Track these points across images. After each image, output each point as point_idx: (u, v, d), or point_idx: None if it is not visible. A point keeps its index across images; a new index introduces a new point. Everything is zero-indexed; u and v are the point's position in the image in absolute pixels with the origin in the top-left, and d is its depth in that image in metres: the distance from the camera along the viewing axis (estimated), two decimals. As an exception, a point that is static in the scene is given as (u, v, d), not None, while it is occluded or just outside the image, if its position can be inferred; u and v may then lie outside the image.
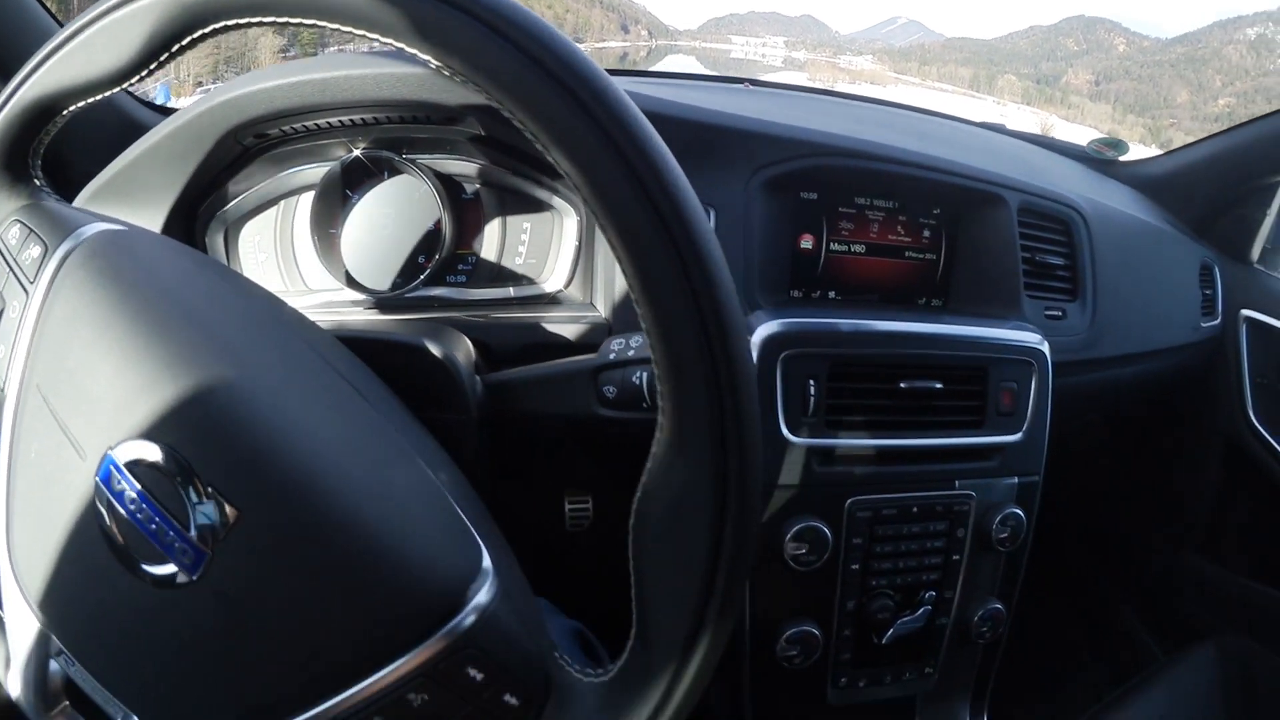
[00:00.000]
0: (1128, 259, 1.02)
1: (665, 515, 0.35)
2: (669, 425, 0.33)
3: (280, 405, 0.37)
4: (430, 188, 0.72)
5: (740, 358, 0.33)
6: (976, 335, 0.79)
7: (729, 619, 0.37)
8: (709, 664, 0.37)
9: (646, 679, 0.37)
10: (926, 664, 0.83)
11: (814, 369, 0.73)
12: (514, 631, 0.37)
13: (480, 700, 0.35)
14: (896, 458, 0.76)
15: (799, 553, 0.72)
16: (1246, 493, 1.30)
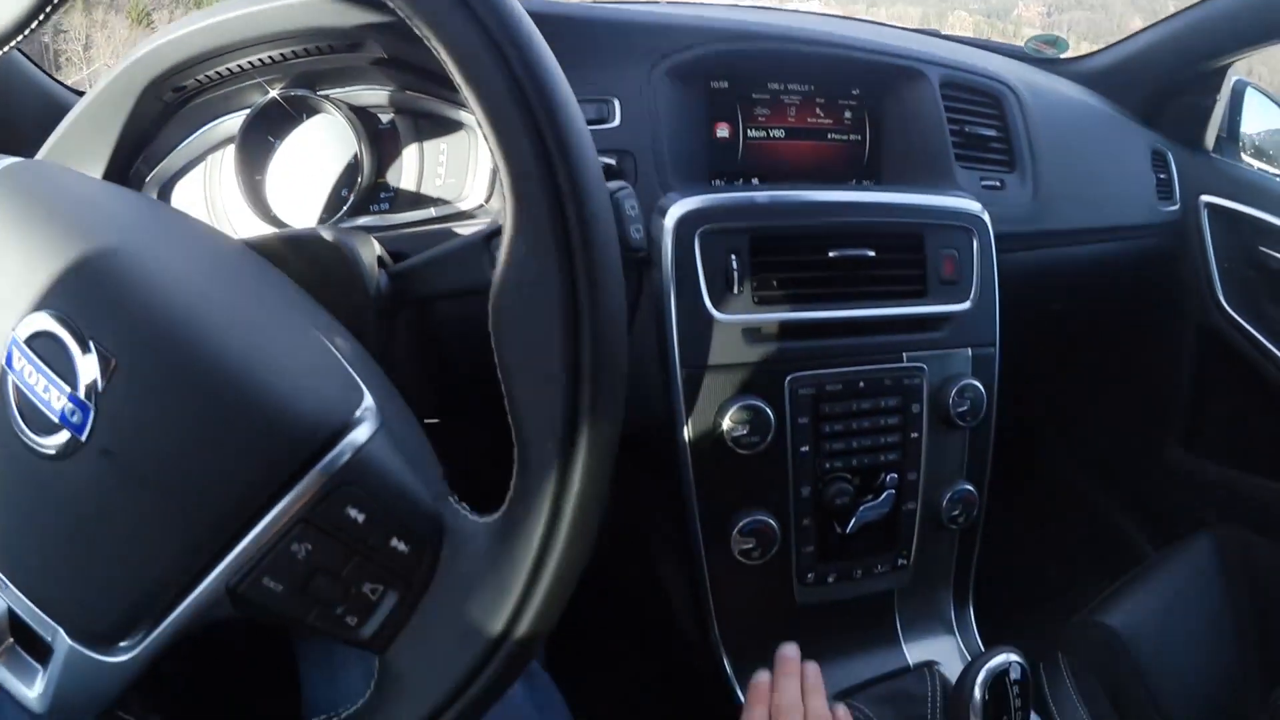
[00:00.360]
0: (1068, 135, 0.99)
1: (520, 314, 0.35)
2: (510, 212, 0.34)
3: (165, 265, 0.37)
4: (346, 121, 0.72)
5: (570, 126, 0.34)
6: (907, 202, 0.76)
7: (604, 422, 0.34)
8: (594, 477, 0.34)
9: (531, 505, 0.35)
10: (899, 555, 0.78)
11: (734, 243, 0.69)
12: (398, 472, 0.36)
13: (366, 547, 0.34)
14: (835, 330, 0.72)
15: (740, 434, 0.67)
16: (1224, 382, 1.27)
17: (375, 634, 0.35)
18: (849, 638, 0.79)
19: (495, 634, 0.34)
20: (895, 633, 0.82)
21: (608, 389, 0.35)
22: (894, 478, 0.75)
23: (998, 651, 0.66)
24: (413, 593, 0.35)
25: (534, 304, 0.34)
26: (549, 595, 0.35)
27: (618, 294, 0.36)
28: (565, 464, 0.34)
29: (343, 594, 0.34)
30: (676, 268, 0.68)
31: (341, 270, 0.58)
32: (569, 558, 0.35)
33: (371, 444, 0.35)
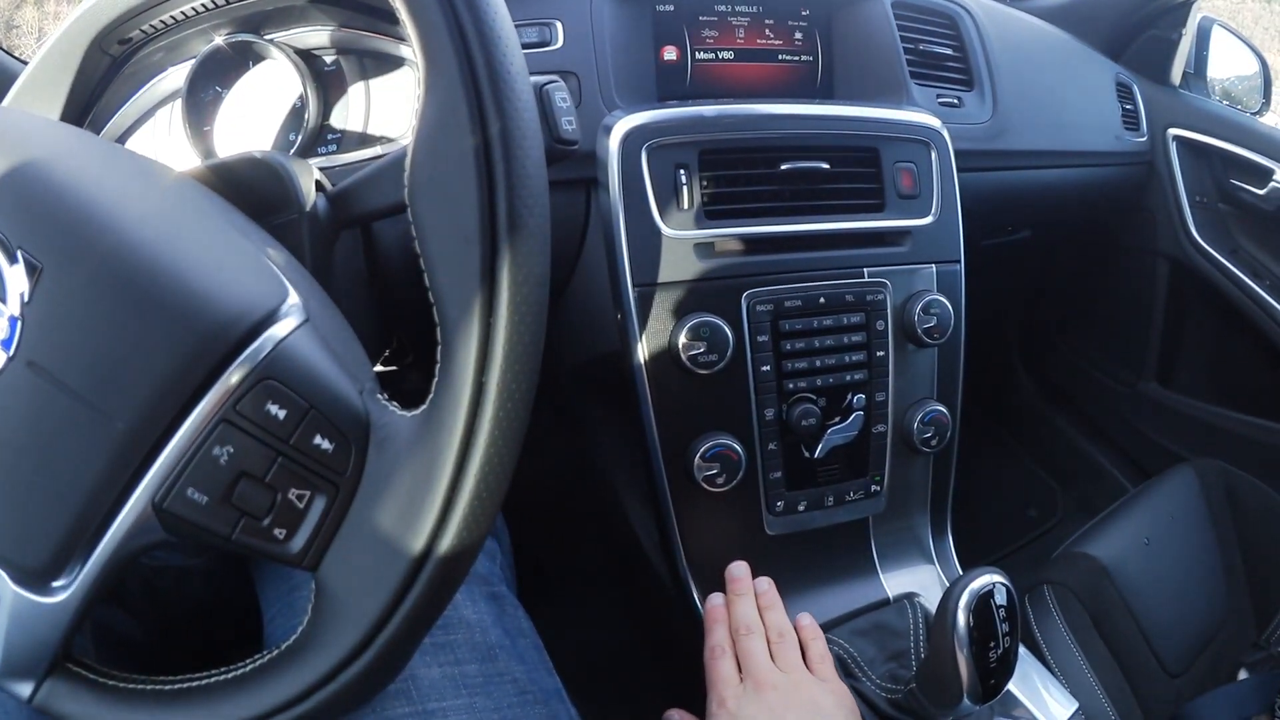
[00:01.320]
0: (1027, 57, 0.96)
1: (433, 175, 0.33)
2: (421, 74, 0.33)
3: (92, 176, 0.37)
4: (292, 64, 0.71)
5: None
6: (860, 114, 0.73)
7: (528, 280, 0.32)
8: (519, 344, 0.32)
9: (453, 385, 0.33)
10: (871, 480, 0.75)
11: (682, 158, 0.66)
12: (322, 366, 0.34)
13: (289, 446, 0.32)
14: (791, 244, 0.69)
15: (696, 352, 0.64)
16: (1198, 316, 1.25)
17: (305, 548, 0.33)
18: (824, 570, 0.76)
19: (423, 542, 0.32)
20: (872, 563, 0.79)
21: (528, 242, 0.32)
22: (861, 399, 0.72)
23: (979, 572, 0.62)
24: (340, 498, 0.33)
25: (446, 163, 0.32)
26: (478, 489, 0.32)
27: (534, 148, 0.34)
28: (486, 331, 0.32)
29: (268, 502, 0.32)
30: (624, 185, 0.65)
31: (277, 190, 0.57)
32: (498, 439, 0.32)
33: (294, 337, 0.34)
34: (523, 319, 0.32)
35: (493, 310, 0.32)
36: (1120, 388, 1.31)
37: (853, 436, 0.72)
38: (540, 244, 0.33)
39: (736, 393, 0.68)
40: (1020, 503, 1.35)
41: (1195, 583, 1.03)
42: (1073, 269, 1.31)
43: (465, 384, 0.32)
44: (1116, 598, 0.92)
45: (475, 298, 0.32)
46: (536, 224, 0.33)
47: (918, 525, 0.80)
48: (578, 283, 0.72)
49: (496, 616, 0.54)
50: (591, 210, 0.69)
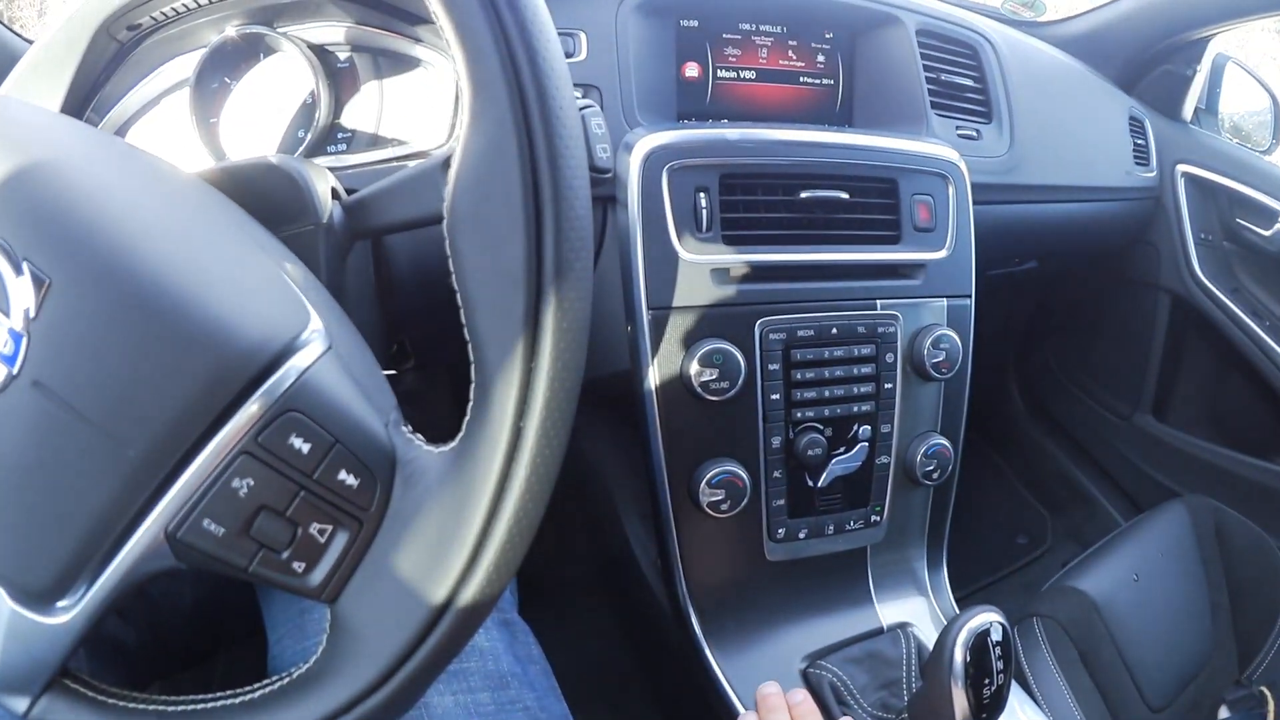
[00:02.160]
0: (1045, 91, 0.95)
1: (478, 210, 0.31)
2: (467, 101, 0.31)
3: (103, 182, 0.35)
4: (304, 59, 0.69)
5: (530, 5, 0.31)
6: (882, 145, 0.72)
7: (571, 324, 0.31)
8: (560, 388, 0.31)
9: (489, 425, 0.31)
10: (872, 510, 0.74)
11: (703, 181, 0.65)
12: (346, 398, 0.33)
13: (312, 480, 0.31)
14: (806, 274, 0.68)
15: (708, 379, 0.63)
16: (1196, 353, 1.25)
17: (325, 581, 0.32)
18: (820, 597, 0.76)
19: (449, 586, 0.31)
20: (868, 592, 0.78)
21: (575, 287, 0.31)
22: (867, 430, 0.71)
23: (977, 610, 0.62)
24: (364, 533, 0.32)
25: (492, 200, 0.31)
26: (510, 535, 0.31)
27: (582, 189, 0.33)
28: (528, 373, 0.31)
29: (288, 536, 0.31)
30: (643, 205, 0.63)
31: (293, 199, 0.54)
32: (533, 486, 0.31)
33: (318, 367, 0.32)
34: (565, 366, 0.31)
35: (535, 356, 0.30)
36: (1115, 419, 1.31)
37: (856, 467, 0.72)
38: (585, 289, 0.32)
39: (745, 420, 0.67)
40: (1011, 529, 1.35)
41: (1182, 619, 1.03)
42: (1073, 298, 1.31)
43: (503, 429, 0.31)
44: (1104, 632, 0.92)
45: (518, 342, 0.30)
46: (583, 267, 0.31)
47: (914, 556, 0.79)
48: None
49: (508, 643, 0.53)
50: (607, 227, 0.68)
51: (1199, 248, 1.20)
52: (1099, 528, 1.31)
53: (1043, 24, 1.24)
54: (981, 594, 1.24)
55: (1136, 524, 1.09)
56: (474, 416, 0.32)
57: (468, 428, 0.32)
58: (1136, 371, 1.27)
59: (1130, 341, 1.26)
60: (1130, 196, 1.09)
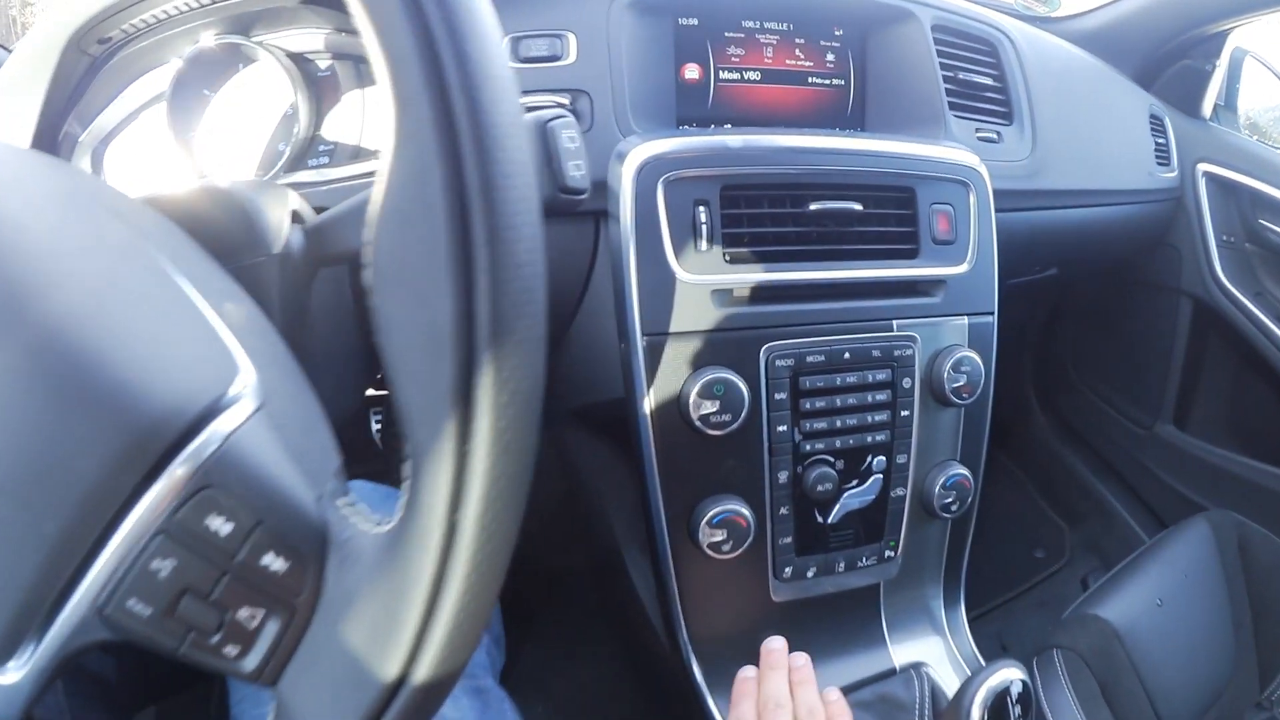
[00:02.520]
0: (1066, 90, 0.88)
1: (399, 251, 0.26)
2: (392, 122, 0.25)
3: (15, 222, 0.30)
4: (282, 69, 0.65)
5: None
6: (898, 151, 0.65)
7: (514, 392, 0.25)
8: (502, 468, 0.26)
9: (420, 512, 0.27)
10: (886, 546, 0.68)
11: (703, 193, 0.58)
12: (274, 468, 0.29)
13: (235, 564, 0.27)
14: (816, 294, 0.62)
15: (709, 411, 0.57)
16: (1218, 359, 1.18)
17: (261, 666, 0.29)
18: (830, 637, 0.69)
19: (392, 674, 0.28)
20: (880, 632, 0.72)
21: (515, 352, 0.25)
22: (882, 461, 0.65)
23: (998, 666, 0.56)
24: (297, 620, 0.29)
25: (414, 245, 0.25)
26: (455, 624, 0.27)
27: (529, 226, 0.26)
28: (460, 458, 0.25)
29: (216, 620, 0.28)
30: (637, 220, 0.57)
31: (243, 228, 0.50)
32: (474, 581, 0.26)
33: (243, 432, 0.28)
34: (506, 448, 0.25)
35: (468, 438, 0.25)
36: (1135, 428, 1.24)
37: (870, 500, 0.65)
38: (531, 353, 0.26)
39: (749, 454, 0.60)
40: (1028, 542, 1.29)
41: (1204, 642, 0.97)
42: (1092, 303, 1.24)
43: (434, 523, 0.26)
44: (1125, 661, 0.86)
45: (447, 420, 0.25)
46: (527, 327, 0.25)
47: (929, 594, 0.73)
48: (582, 322, 0.64)
49: (480, 714, 0.47)
50: (600, 244, 0.61)
51: (1221, 250, 1.14)
52: (1118, 541, 1.24)
53: (1057, 19, 1.17)
54: (998, 612, 1.18)
55: (1159, 543, 1.03)
56: (408, 504, 0.27)
57: (405, 512, 0.27)
58: (1157, 379, 1.20)
59: (1150, 347, 1.19)
60: (1153, 199, 1.02)
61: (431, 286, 0.24)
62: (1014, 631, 1.17)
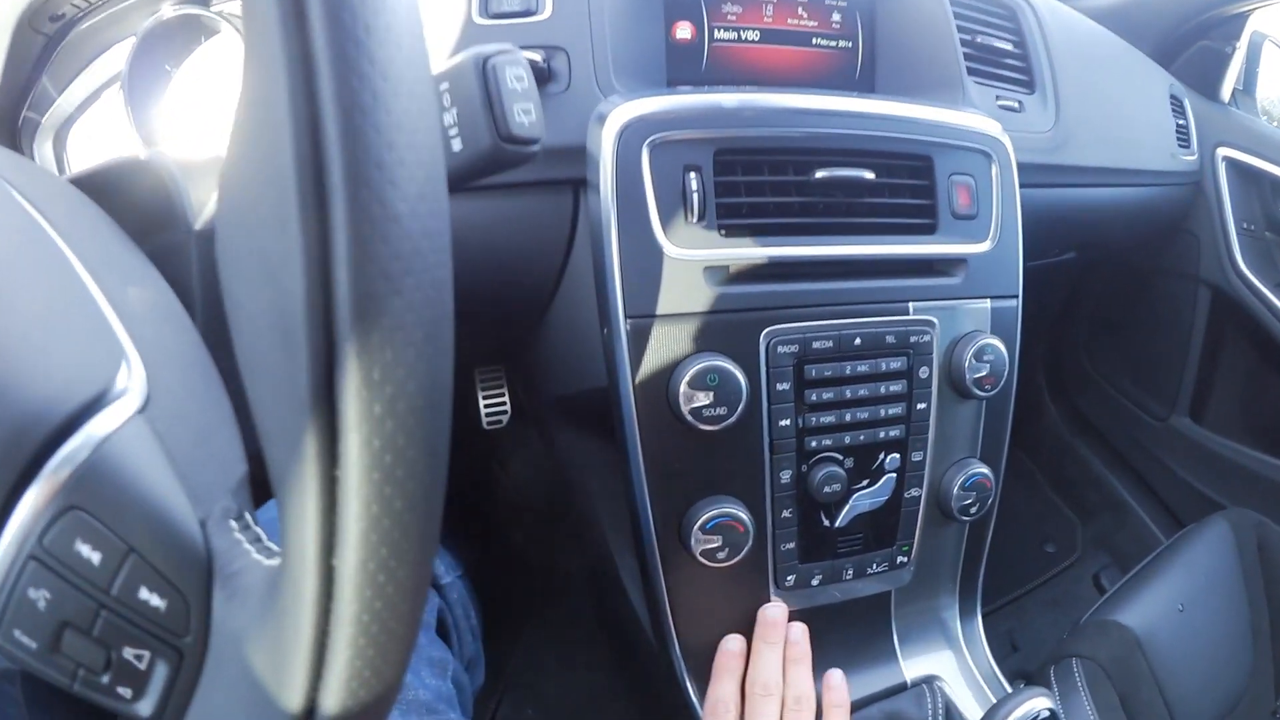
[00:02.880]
0: (1089, 60, 0.81)
1: (241, 211, 0.21)
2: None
3: None
4: None
5: None
6: (914, 115, 0.57)
7: (399, 417, 0.19)
8: (395, 516, 0.19)
9: (295, 575, 0.21)
10: (899, 551, 0.60)
11: (694, 158, 0.50)
12: (149, 485, 0.24)
13: (110, 598, 0.23)
14: (823, 272, 0.54)
15: (702, 404, 0.49)
16: (1236, 351, 1.11)
17: (157, 713, 0.25)
18: (836, 649, 0.61)
19: None
20: (890, 643, 0.64)
21: (394, 337, 0.18)
22: (895, 459, 0.57)
23: (1025, 694, 0.49)
24: (187, 664, 0.24)
25: (260, 192, 0.19)
26: (352, 683, 0.21)
27: (420, 163, 0.19)
28: (328, 488, 0.19)
29: (102, 659, 0.24)
30: (619, 189, 0.49)
31: (163, 202, 0.44)
32: (374, 628, 0.20)
33: (118, 438, 0.24)
34: (388, 474, 0.19)
35: (335, 459, 0.18)
36: (1150, 420, 1.16)
37: (882, 502, 0.58)
38: (419, 342, 0.19)
39: (747, 452, 0.53)
40: (1038, 536, 1.21)
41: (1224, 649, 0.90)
42: (1107, 290, 1.16)
43: (307, 570, 0.19)
44: (1146, 671, 0.79)
45: (306, 435, 0.18)
46: (409, 306, 0.18)
47: (944, 603, 0.65)
48: (561, 307, 0.56)
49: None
50: (579, 217, 0.53)
51: (1241, 237, 1.06)
52: (1131, 537, 1.17)
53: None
54: (1009, 609, 1.11)
55: (1178, 544, 0.95)
56: (283, 544, 0.21)
57: (284, 547, 0.21)
58: (1174, 370, 1.13)
59: (1167, 337, 1.12)
60: (1173, 181, 0.94)
61: (279, 251, 0.18)
62: (1025, 631, 1.10)
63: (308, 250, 0.17)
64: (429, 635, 0.48)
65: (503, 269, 0.54)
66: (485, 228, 0.53)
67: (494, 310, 0.57)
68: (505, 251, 0.53)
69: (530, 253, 0.53)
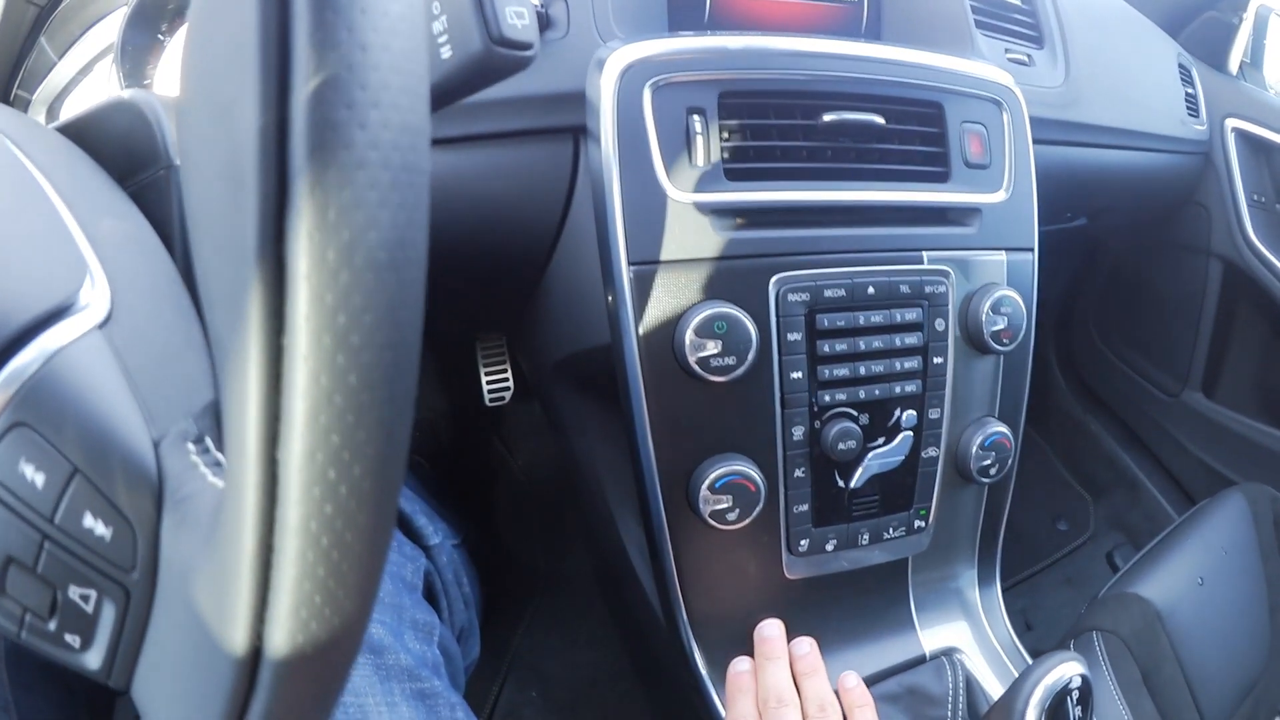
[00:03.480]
0: (1097, 20, 0.77)
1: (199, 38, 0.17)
2: None
3: None
4: None
5: None
6: (922, 61, 0.54)
7: (353, 238, 0.15)
8: (353, 398, 0.16)
9: (236, 469, 0.18)
10: (916, 514, 0.56)
11: (697, 100, 0.47)
12: (100, 399, 0.21)
13: (53, 526, 0.20)
14: (834, 218, 0.50)
15: (709, 354, 0.45)
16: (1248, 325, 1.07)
17: (106, 664, 0.22)
18: (852, 620, 0.58)
19: (235, 675, 0.19)
20: (908, 613, 0.60)
21: (354, 168, 0.15)
22: (912, 416, 0.53)
23: (1054, 660, 0.45)
24: (135, 605, 0.21)
25: (220, 31, 0.16)
26: (304, 605, 0.18)
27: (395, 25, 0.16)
28: (271, 345, 0.16)
29: (47, 599, 0.21)
30: (620, 132, 0.45)
31: (144, 140, 0.41)
32: (327, 538, 0.17)
33: (73, 350, 0.22)
34: (346, 333, 0.15)
35: (283, 320, 0.15)
36: (1162, 396, 1.12)
37: (898, 462, 0.54)
38: (395, 177, 0.16)
39: (757, 406, 0.49)
40: (1050, 514, 1.17)
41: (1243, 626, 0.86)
42: (1117, 263, 1.12)
43: (247, 466, 0.16)
44: (1167, 646, 0.75)
45: (249, 291, 0.15)
46: (375, 142, 0.16)
47: (962, 571, 0.61)
48: (561, 262, 0.53)
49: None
50: (580, 168, 0.50)
51: (1252, 210, 1.02)
52: (1144, 514, 1.13)
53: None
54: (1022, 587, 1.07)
55: (1195, 517, 0.91)
56: (225, 428, 0.18)
57: (225, 443, 0.18)
58: (1185, 344, 1.08)
59: (1179, 311, 1.08)
60: (1183, 149, 0.90)
61: (235, 85, 0.15)
62: (1039, 610, 1.05)
63: (264, 76, 0.14)
64: (414, 597, 0.44)
65: (502, 221, 0.50)
66: (483, 179, 0.49)
67: (493, 266, 0.54)
68: (504, 203, 0.50)
69: (529, 204, 0.50)
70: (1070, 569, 1.10)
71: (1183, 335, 1.08)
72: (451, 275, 0.45)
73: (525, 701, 0.83)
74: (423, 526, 0.49)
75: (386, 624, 0.40)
